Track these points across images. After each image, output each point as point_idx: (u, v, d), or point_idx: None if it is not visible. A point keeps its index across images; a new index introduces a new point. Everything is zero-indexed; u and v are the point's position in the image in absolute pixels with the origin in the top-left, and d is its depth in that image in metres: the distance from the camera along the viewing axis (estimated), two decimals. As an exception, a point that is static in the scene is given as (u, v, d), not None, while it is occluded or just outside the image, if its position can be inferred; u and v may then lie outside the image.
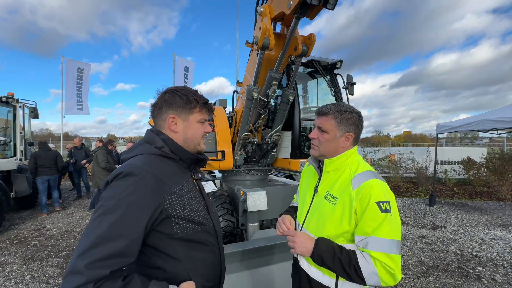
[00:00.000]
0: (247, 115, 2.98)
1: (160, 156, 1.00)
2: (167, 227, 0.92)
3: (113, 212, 0.80)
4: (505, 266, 3.51)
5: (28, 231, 5.04)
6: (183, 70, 12.79)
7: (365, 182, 1.06)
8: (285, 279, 2.44)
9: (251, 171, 3.70)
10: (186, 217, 0.97)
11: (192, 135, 1.08)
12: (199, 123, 1.09)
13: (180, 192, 0.98)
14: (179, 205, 0.95)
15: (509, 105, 6.49)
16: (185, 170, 1.09)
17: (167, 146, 1.03)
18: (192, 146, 1.09)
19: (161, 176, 0.93)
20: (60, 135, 12.22)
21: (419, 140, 30.14)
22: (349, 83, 3.61)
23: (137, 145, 1.05)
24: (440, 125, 7.12)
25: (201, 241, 1.03)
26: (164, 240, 0.93)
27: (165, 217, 0.91)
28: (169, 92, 1.06)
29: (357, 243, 1.06)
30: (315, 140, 1.22)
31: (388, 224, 1.00)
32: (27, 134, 6.95)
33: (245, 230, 3.00)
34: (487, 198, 7.82)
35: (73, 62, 11.45)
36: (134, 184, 0.85)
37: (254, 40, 2.41)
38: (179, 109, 1.04)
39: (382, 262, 0.97)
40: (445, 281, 3.13)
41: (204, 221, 1.04)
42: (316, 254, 1.07)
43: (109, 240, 0.76)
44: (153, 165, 0.94)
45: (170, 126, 1.05)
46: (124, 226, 0.80)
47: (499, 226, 5.18)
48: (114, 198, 0.83)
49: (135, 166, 0.90)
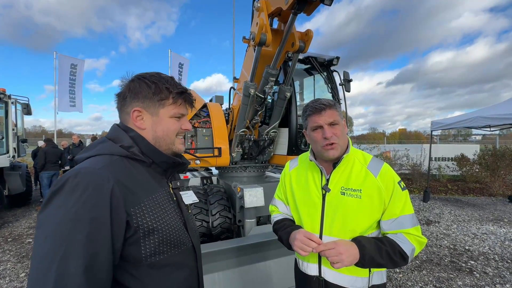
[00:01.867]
0: (244, 111, 2.97)
1: (127, 158, 0.80)
2: (134, 250, 0.72)
3: (62, 241, 0.60)
4: (496, 260, 3.59)
5: (22, 229, 4.98)
6: (177, 66, 12.67)
7: (383, 167, 1.11)
8: (282, 275, 2.47)
9: (248, 168, 3.70)
10: (160, 236, 0.76)
11: (163, 133, 0.86)
12: (173, 118, 0.87)
13: (152, 203, 0.78)
14: (151, 221, 0.75)
15: (502, 103, 6.60)
16: (159, 176, 0.88)
17: (137, 145, 0.83)
18: (165, 147, 0.87)
19: (127, 183, 0.73)
20: (54, 132, 12.05)
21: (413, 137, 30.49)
22: (345, 80, 3.62)
23: (97, 143, 0.82)
24: (435, 122, 7.21)
25: (178, 266, 0.83)
26: (127, 270, 0.73)
27: (132, 235, 0.71)
28: (135, 79, 0.85)
29: (387, 227, 1.07)
30: (333, 138, 1.08)
31: (409, 200, 1.08)
32: (20, 131, 6.85)
33: (242, 227, 3.01)
34: (480, 194, 7.97)
35: (66, 58, 11.25)
36: (83, 195, 0.64)
37: (251, 36, 2.39)
38: (146, 100, 0.83)
39: (415, 236, 1.04)
40: (439, 275, 3.19)
41: (181, 241, 0.84)
42: (367, 256, 0.98)
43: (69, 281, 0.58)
44: (116, 169, 0.74)
45: (135, 121, 0.84)
46: (81, 255, 0.60)
47: (490, 221, 5.29)
48: (61, 221, 0.62)
49: (88, 171, 0.69)
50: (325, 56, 3.67)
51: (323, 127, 1.09)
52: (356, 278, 1.08)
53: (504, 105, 6.27)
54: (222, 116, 3.69)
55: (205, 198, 3.16)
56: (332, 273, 1.10)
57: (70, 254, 0.60)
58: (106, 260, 0.65)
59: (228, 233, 3.08)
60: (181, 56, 13.12)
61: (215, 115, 3.62)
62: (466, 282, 3.04)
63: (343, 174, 1.13)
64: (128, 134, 0.84)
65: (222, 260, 2.28)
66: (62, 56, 11.14)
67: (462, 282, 3.04)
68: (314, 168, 1.20)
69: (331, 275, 1.11)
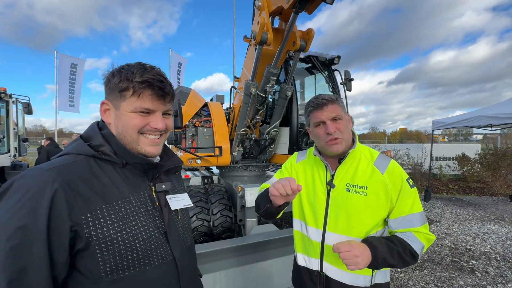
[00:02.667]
0: (245, 110, 2.97)
1: (95, 158, 0.73)
2: (91, 263, 0.64)
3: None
4: (498, 259, 3.58)
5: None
6: (176, 66, 12.69)
7: (390, 164, 1.08)
8: (283, 274, 2.47)
9: (249, 167, 3.70)
10: (122, 249, 0.67)
11: (123, 130, 0.75)
12: (134, 113, 0.73)
13: (115, 211, 0.69)
14: (110, 231, 0.66)
15: (503, 102, 6.58)
16: (138, 179, 0.78)
17: (108, 144, 0.75)
18: (129, 146, 0.76)
19: (81, 187, 0.66)
20: (55, 131, 12.07)
21: (414, 136, 30.45)
22: (346, 79, 3.61)
23: (72, 142, 0.77)
24: (436, 121, 7.19)
25: (149, 284, 0.72)
26: (86, 286, 0.65)
27: (85, 247, 0.63)
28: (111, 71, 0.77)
29: (396, 225, 1.04)
30: (337, 133, 1.06)
31: (418, 198, 1.06)
32: (21, 130, 6.86)
33: (243, 226, 3.01)
34: (481, 193, 7.95)
35: (66, 57, 11.25)
36: (20, 200, 0.58)
37: (252, 34, 2.38)
38: (111, 92, 0.74)
39: (424, 234, 1.03)
40: (440, 274, 3.19)
41: (154, 254, 0.73)
42: (380, 258, 0.95)
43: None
44: (71, 171, 0.67)
45: (102, 115, 0.77)
46: (8, 269, 0.55)
47: (492, 221, 5.28)
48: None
49: (34, 173, 0.63)
50: (326, 55, 3.66)
51: (326, 123, 1.07)
52: (358, 276, 1.06)
53: (505, 104, 6.24)
54: (223, 115, 3.68)
55: (206, 198, 3.16)
56: (334, 270, 1.09)
57: (7, 253, 0.55)
58: (39, 276, 0.58)
59: (229, 232, 3.08)
60: (180, 55, 13.15)
61: (216, 114, 3.62)
62: (467, 281, 3.04)
63: (349, 170, 1.11)
64: (101, 131, 0.77)
65: (223, 259, 2.28)
66: (63, 55, 11.14)
67: (464, 281, 3.03)
68: (319, 163, 1.19)
69: (333, 271, 1.09)
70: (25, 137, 7.21)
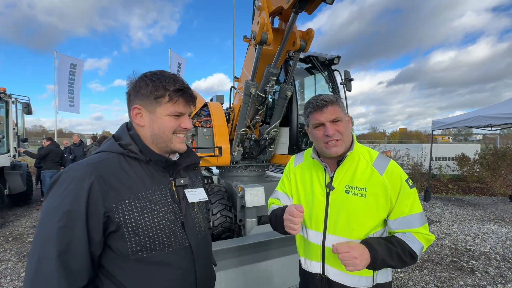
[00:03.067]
0: (244, 111, 2.97)
1: (124, 156, 0.84)
2: (120, 243, 0.77)
3: (43, 229, 0.71)
4: (498, 260, 3.58)
5: (23, 228, 4.99)
6: (176, 66, 12.70)
7: (389, 165, 1.07)
8: (283, 274, 2.46)
9: (249, 167, 3.70)
10: (146, 234, 0.79)
11: (159, 131, 0.86)
12: (169, 116, 0.86)
13: (140, 201, 0.80)
14: (136, 218, 0.78)
15: (503, 102, 6.58)
16: (160, 174, 0.89)
17: (135, 143, 0.86)
18: (162, 144, 0.88)
19: (112, 179, 0.78)
20: (54, 131, 12.06)
21: (414, 136, 30.46)
22: (346, 79, 3.61)
23: (106, 141, 0.90)
24: (436, 121, 7.20)
25: (167, 264, 0.83)
26: (116, 261, 0.78)
27: (116, 230, 0.76)
28: (138, 78, 0.87)
29: (395, 226, 1.04)
30: (336, 135, 1.05)
31: (417, 198, 1.06)
32: (20, 130, 6.85)
33: (243, 226, 3.00)
34: (480, 193, 7.96)
35: (66, 57, 11.24)
36: (66, 189, 0.72)
37: (252, 34, 2.38)
38: (145, 98, 0.85)
39: (423, 234, 1.02)
40: (440, 275, 3.19)
41: (174, 240, 0.85)
42: (379, 259, 0.95)
43: (42, 264, 0.68)
44: (104, 166, 0.79)
45: (135, 118, 0.88)
46: (55, 242, 0.68)
47: (492, 221, 5.28)
48: (47, 211, 0.72)
49: (74, 166, 0.78)
50: (326, 55, 3.66)
51: (325, 125, 1.06)
52: (360, 278, 1.06)
53: (505, 104, 6.24)
54: (223, 115, 3.68)
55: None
56: (336, 272, 1.08)
57: (47, 241, 0.69)
58: (81, 250, 0.71)
59: (229, 233, 3.08)
60: (179, 56, 13.15)
61: (216, 114, 3.62)
62: (467, 282, 3.03)
63: (347, 172, 1.10)
64: (129, 132, 0.88)
65: (223, 259, 2.28)
66: (62, 55, 11.13)
67: (464, 281, 3.03)
68: (318, 165, 1.17)
69: (334, 273, 1.09)
70: (24, 137, 7.20)
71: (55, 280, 0.67)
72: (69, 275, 0.69)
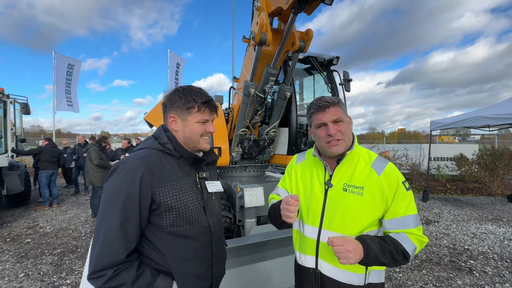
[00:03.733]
0: (244, 111, 2.97)
1: (162, 152, 1.05)
2: (158, 219, 0.99)
3: (109, 205, 0.93)
4: (496, 259, 3.60)
5: (21, 229, 4.96)
6: (175, 66, 12.68)
7: (387, 166, 1.11)
8: (282, 274, 2.46)
9: (248, 168, 3.69)
10: (177, 213, 1.01)
11: (190, 134, 1.09)
12: (198, 123, 1.09)
13: (174, 188, 1.02)
14: (171, 200, 0.99)
15: (501, 102, 6.62)
16: (188, 168, 1.12)
17: (170, 143, 1.08)
18: (192, 145, 1.11)
19: (156, 170, 0.99)
20: (52, 131, 12.02)
21: (412, 137, 30.57)
22: (345, 80, 3.62)
23: (147, 139, 1.13)
24: (434, 121, 7.22)
25: (192, 238, 1.05)
26: (154, 232, 1.00)
27: (156, 208, 0.98)
28: (173, 92, 1.10)
29: (390, 226, 1.07)
30: (338, 134, 1.10)
31: (413, 201, 1.10)
32: (19, 131, 6.82)
33: (242, 226, 3.00)
34: (478, 193, 7.99)
35: (64, 57, 11.21)
36: (124, 176, 0.94)
37: (251, 35, 2.38)
38: (178, 109, 1.08)
39: (417, 235, 1.05)
40: (438, 274, 3.20)
41: (197, 220, 1.06)
42: (372, 255, 0.98)
43: (109, 230, 0.91)
44: (150, 159, 1.00)
45: (170, 125, 1.10)
46: (118, 215, 0.91)
47: (489, 221, 5.30)
48: (111, 191, 0.95)
49: (129, 159, 0.99)
50: (325, 56, 3.66)
51: (327, 125, 1.11)
52: (352, 274, 1.09)
53: (503, 105, 6.28)
54: (222, 115, 3.68)
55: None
56: (329, 267, 1.12)
57: (112, 214, 0.92)
58: (135, 222, 0.94)
59: (228, 233, 3.08)
60: (178, 56, 13.14)
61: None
62: (465, 281, 3.05)
63: (346, 171, 1.14)
64: (166, 133, 1.10)
65: (222, 260, 2.28)
66: (60, 55, 11.10)
67: (462, 281, 3.05)
68: (318, 164, 1.22)
69: (327, 268, 1.12)
70: (23, 137, 7.16)
71: (118, 241, 0.90)
72: (126, 239, 0.92)
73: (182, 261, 1.02)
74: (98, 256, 0.89)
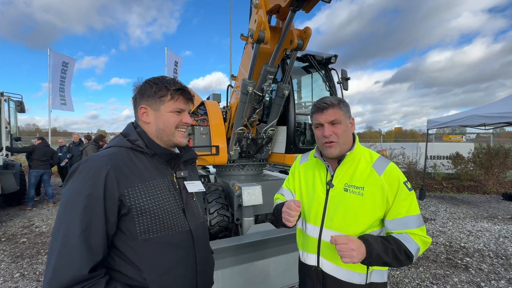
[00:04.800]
0: (241, 109, 2.96)
1: (132, 150, 0.95)
2: (130, 225, 0.86)
3: (68, 209, 0.80)
4: (491, 256, 3.64)
5: (16, 228, 4.91)
6: (173, 64, 12.59)
7: (388, 166, 1.10)
8: (280, 273, 2.47)
9: (246, 166, 3.69)
10: (153, 217, 0.89)
11: (164, 126, 0.98)
12: (172, 113, 0.98)
13: (147, 188, 0.91)
14: (144, 202, 0.88)
15: (496, 101, 6.68)
16: (163, 167, 1.00)
17: (141, 139, 0.98)
18: (166, 138, 0.99)
19: (124, 168, 0.88)
20: (48, 130, 11.88)
21: (409, 135, 30.79)
22: (343, 78, 3.62)
23: (115, 138, 1.02)
24: (431, 120, 7.27)
25: (172, 245, 0.93)
26: (126, 241, 0.87)
27: (127, 212, 0.86)
28: (143, 83, 1.01)
29: (392, 226, 1.07)
30: (332, 136, 1.11)
31: (415, 201, 1.08)
32: (13, 129, 6.73)
33: (240, 225, 3.00)
34: (474, 191, 8.07)
35: (59, 55, 11.07)
36: (86, 176, 0.83)
37: (249, 33, 2.37)
38: (149, 98, 0.97)
39: (420, 236, 1.04)
40: (435, 272, 3.23)
41: (176, 224, 0.95)
42: (374, 254, 0.97)
43: (67, 238, 0.77)
44: (117, 157, 0.90)
45: (141, 116, 1.00)
46: (79, 221, 0.78)
47: (485, 218, 5.36)
48: (70, 194, 0.82)
49: (92, 158, 0.88)
50: (323, 54, 3.66)
51: (324, 126, 1.12)
52: (353, 273, 1.09)
53: (498, 103, 6.34)
54: (220, 114, 3.66)
55: (203, 197, 3.14)
56: (330, 265, 1.12)
57: (71, 220, 0.79)
58: (100, 229, 0.81)
59: (226, 232, 3.07)
60: (176, 54, 13.05)
61: (213, 113, 3.60)
62: (462, 278, 3.08)
63: (348, 171, 1.14)
64: (136, 130, 1.00)
65: (220, 258, 2.27)
66: (55, 53, 10.96)
67: (458, 278, 3.07)
68: (320, 164, 1.24)
69: (329, 267, 1.12)
70: (17, 136, 7.07)
71: (78, 252, 0.76)
72: (89, 249, 0.78)
73: (161, 273, 0.89)
74: (54, 270, 0.74)
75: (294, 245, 2.65)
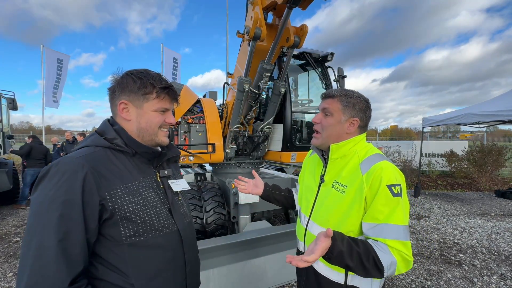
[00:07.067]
0: (238, 107, 2.94)
1: (110, 149, 0.88)
2: (114, 230, 0.81)
3: (40, 219, 0.73)
4: (484, 253, 3.70)
5: (9, 228, 4.84)
6: (171, 61, 12.45)
7: (375, 165, 0.99)
8: (276, 270, 2.47)
9: (242, 164, 3.68)
10: (138, 219, 0.85)
11: (147, 125, 0.92)
12: (156, 112, 0.92)
13: (131, 190, 0.86)
14: (128, 205, 0.83)
15: (490, 100, 6.76)
16: (145, 166, 0.95)
17: (120, 137, 0.90)
18: (148, 138, 0.94)
19: (103, 170, 0.82)
20: (42, 128, 11.71)
21: (404, 134, 31.06)
22: (340, 76, 3.62)
23: (88, 136, 0.93)
24: (426, 118, 7.33)
25: (160, 247, 0.90)
26: (110, 248, 0.82)
27: (110, 217, 0.80)
28: (124, 75, 0.92)
29: (366, 230, 0.97)
30: (317, 126, 1.11)
31: (400, 210, 0.93)
32: (6, 127, 6.62)
33: (237, 223, 3.00)
34: (468, 189, 8.19)
35: (53, 52, 10.89)
36: (59, 181, 0.75)
37: (246, 30, 2.35)
38: (132, 94, 0.90)
39: (399, 250, 0.90)
40: (429, 268, 3.27)
41: (163, 225, 0.91)
42: (336, 251, 0.85)
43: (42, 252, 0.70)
44: (94, 157, 0.82)
45: (121, 113, 0.91)
46: (54, 231, 0.72)
47: (478, 215, 5.44)
48: (41, 202, 0.74)
49: (65, 159, 0.80)
50: (320, 52, 3.66)
51: None
52: (330, 270, 1.06)
53: (492, 102, 6.41)
54: (216, 111, 3.64)
55: (199, 195, 3.13)
56: None
57: (45, 230, 0.72)
58: (79, 237, 0.75)
59: (223, 230, 3.07)
60: (173, 51, 12.90)
61: (209, 110, 3.58)
62: (455, 274, 3.12)
63: (338, 167, 1.12)
64: (113, 127, 0.92)
65: (216, 256, 2.27)
66: (49, 50, 10.78)
67: (452, 274, 3.12)
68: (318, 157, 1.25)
69: None
70: (10, 133, 6.95)
71: (55, 266, 0.70)
72: (68, 261, 0.72)
73: (150, 277, 0.86)
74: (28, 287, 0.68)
75: (290, 243, 2.67)
